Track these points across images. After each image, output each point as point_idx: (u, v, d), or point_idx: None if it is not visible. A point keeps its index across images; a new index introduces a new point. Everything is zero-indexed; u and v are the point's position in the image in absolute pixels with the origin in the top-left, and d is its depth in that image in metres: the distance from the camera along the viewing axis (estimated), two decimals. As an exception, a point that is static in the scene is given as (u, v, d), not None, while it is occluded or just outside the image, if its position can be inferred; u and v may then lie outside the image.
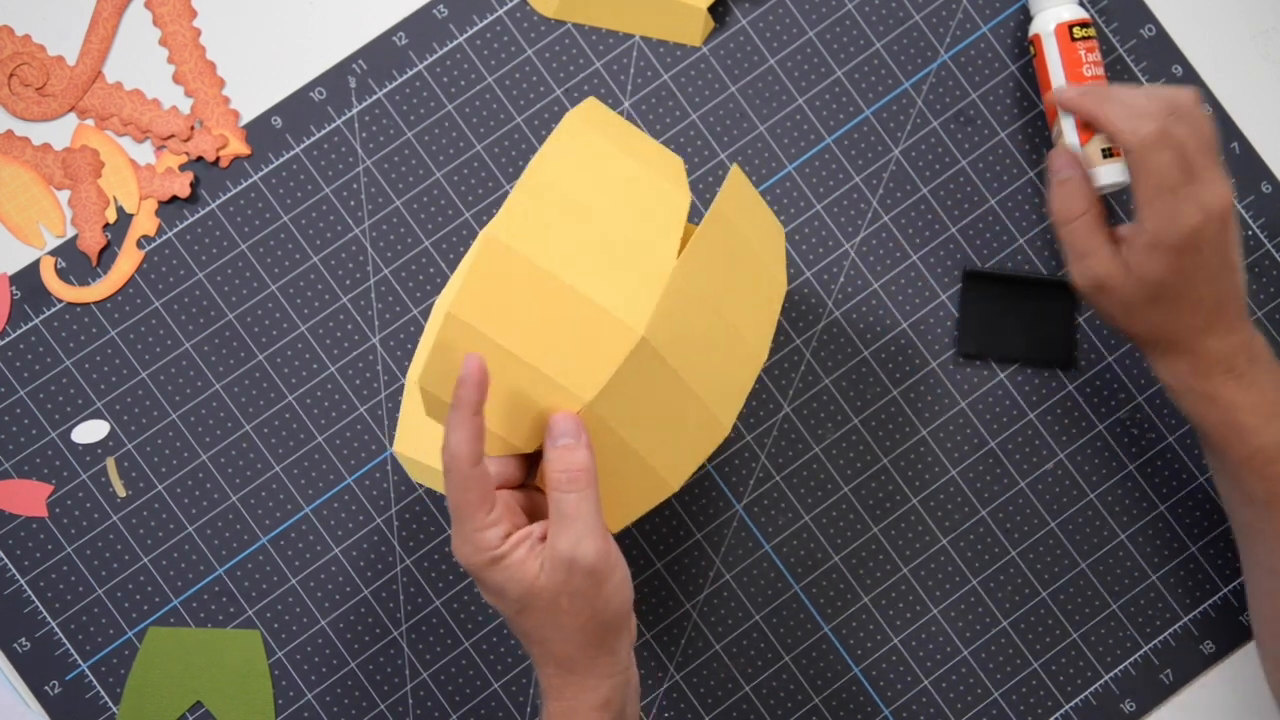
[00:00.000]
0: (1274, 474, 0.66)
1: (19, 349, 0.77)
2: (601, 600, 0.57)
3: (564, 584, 0.56)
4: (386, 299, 0.77)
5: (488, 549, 0.57)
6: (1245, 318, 0.68)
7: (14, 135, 0.78)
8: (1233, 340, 0.67)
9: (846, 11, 0.79)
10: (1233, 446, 0.67)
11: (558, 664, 0.59)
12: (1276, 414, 0.66)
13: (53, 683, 0.75)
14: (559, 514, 0.57)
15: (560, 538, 0.57)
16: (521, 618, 0.58)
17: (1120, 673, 0.77)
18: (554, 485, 0.57)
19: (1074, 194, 0.69)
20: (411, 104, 0.78)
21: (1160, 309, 0.67)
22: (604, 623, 0.58)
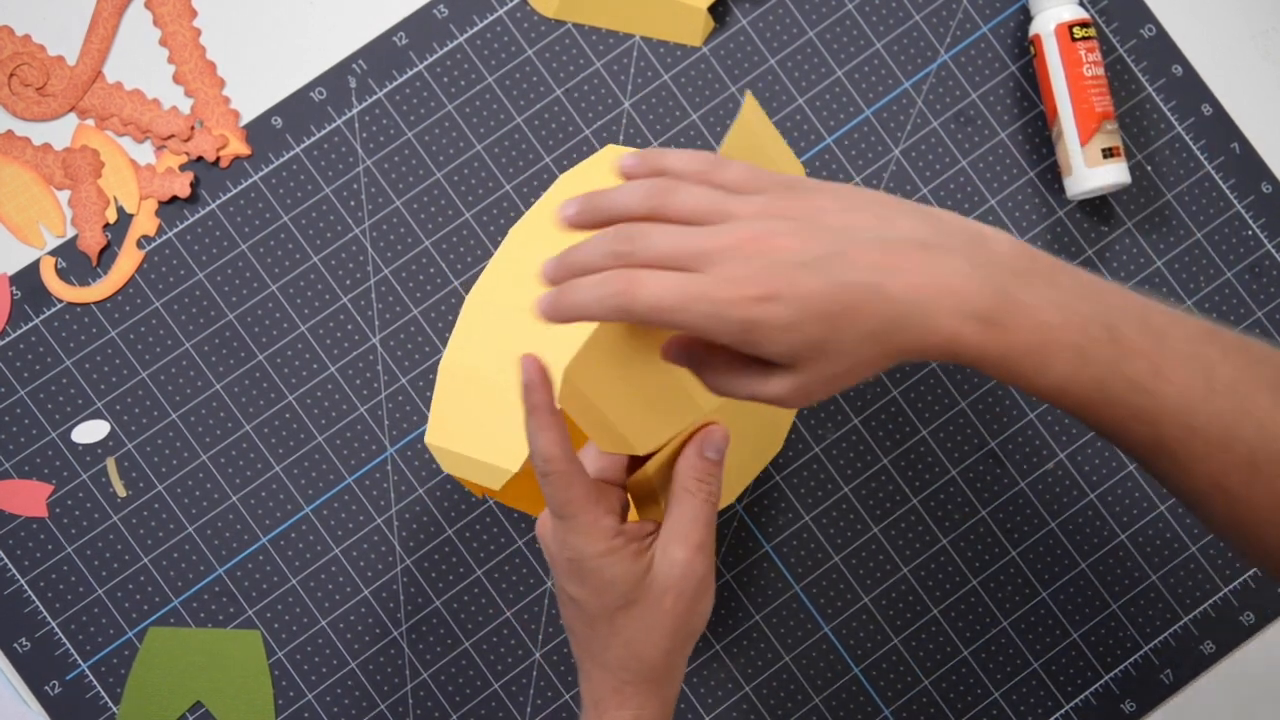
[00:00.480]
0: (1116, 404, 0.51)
1: (19, 349, 0.77)
2: (697, 609, 0.58)
3: (676, 583, 0.57)
4: (386, 299, 0.77)
5: (605, 537, 0.57)
6: (937, 249, 0.49)
7: (14, 135, 0.78)
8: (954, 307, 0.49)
9: (846, 11, 0.79)
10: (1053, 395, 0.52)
11: (637, 670, 0.59)
12: (1059, 343, 0.50)
13: (53, 683, 0.75)
14: (692, 519, 0.58)
15: (688, 540, 0.57)
16: (621, 614, 0.58)
17: (1120, 673, 0.77)
18: (690, 488, 0.58)
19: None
20: (411, 104, 0.78)
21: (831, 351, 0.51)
22: (693, 630, 0.59)
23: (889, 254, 0.49)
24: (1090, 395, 0.50)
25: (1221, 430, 0.50)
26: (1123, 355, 0.50)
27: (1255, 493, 0.51)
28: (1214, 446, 0.51)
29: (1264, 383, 0.51)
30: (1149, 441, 0.51)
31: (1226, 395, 0.51)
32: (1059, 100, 0.75)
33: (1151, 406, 0.50)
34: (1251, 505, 0.51)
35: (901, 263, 0.48)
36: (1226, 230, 0.79)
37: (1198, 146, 0.79)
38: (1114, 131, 0.75)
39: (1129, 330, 0.50)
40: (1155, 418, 0.51)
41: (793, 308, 0.48)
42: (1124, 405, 0.51)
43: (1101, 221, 0.79)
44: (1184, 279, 0.79)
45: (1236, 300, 0.79)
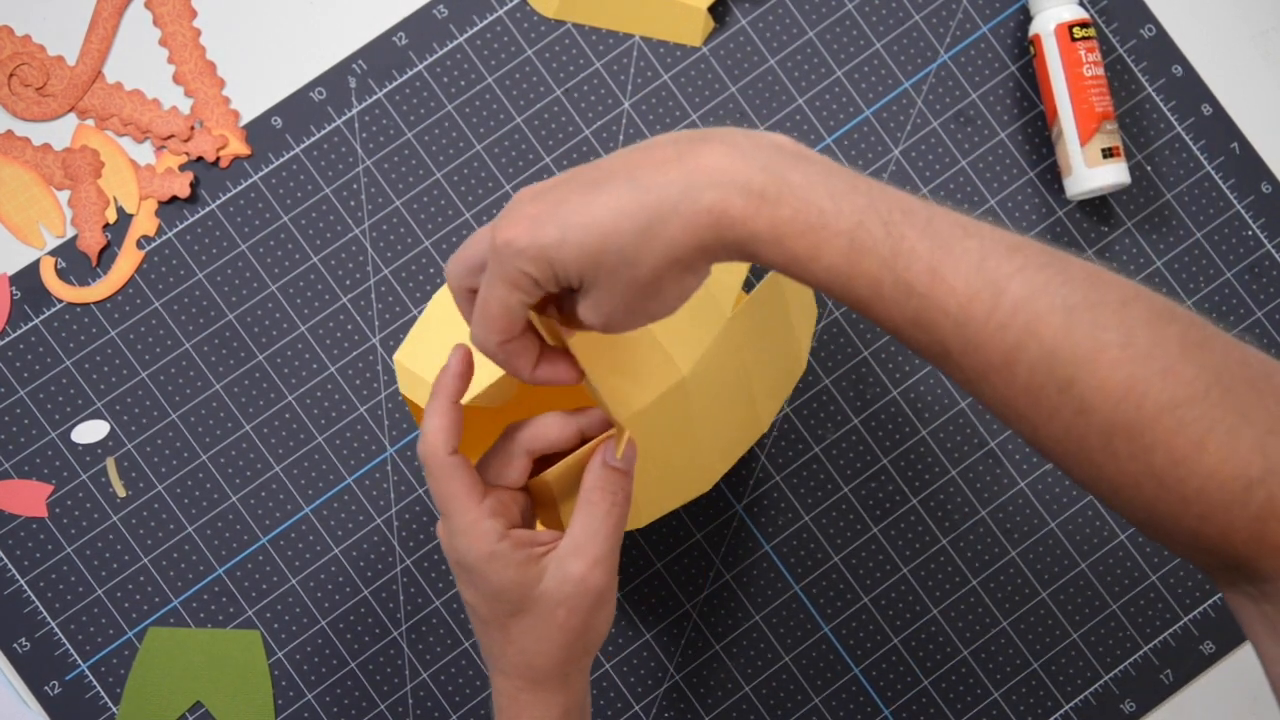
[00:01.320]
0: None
1: (19, 349, 0.77)
2: (594, 622, 0.57)
3: (568, 597, 0.56)
4: (386, 299, 0.77)
5: (487, 542, 0.55)
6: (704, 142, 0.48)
7: (14, 135, 0.78)
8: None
9: (846, 11, 0.79)
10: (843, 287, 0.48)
11: (531, 677, 0.58)
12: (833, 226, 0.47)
13: (53, 683, 0.75)
14: (590, 531, 0.56)
15: (584, 554, 0.56)
16: (513, 620, 0.57)
17: (1120, 673, 0.77)
18: (593, 500, 0.56)
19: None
20: (411, 104, 0.78)
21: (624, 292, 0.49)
22: (587, 644, 0.58)
23: (639, 153, 0.48)
24: (864, 291, 0.47)
25: (1004, 351, 0.46)
26: (898, 253, 0.47)
27: (1040, 415, 0.47)
28: (996, 366, 0.47)
29: (1058, 302, 0.46)
30: (932, 347, 0.48)
31: (1013, 313, 0.46)
32: (1059, 100, 0.75)
33: (928, 314, 0.47)
34: (1036, 428, 0.47)
35: (657, 157, 0.47)
36: (1226, 230, 0.79)
37: (1198, 146, 0.79)
38: (1114, 131, 0.75)
39: (909, 230, 0.47)
40: (932, 325, 0.47)
41: (555, 222, 0.47)
42: (899, 307, 0.47)
43: (1101, 221, 0.79)
44: (1184, 279, 0.79)
45: (1236, 300, 0.79)
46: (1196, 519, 0.45)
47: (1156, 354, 0.45)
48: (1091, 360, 0.45)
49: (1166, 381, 0.44)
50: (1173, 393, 0.44)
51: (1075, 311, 0.45)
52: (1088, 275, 0.47)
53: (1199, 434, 0.44)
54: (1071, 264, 0.47)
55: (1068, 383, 0.45)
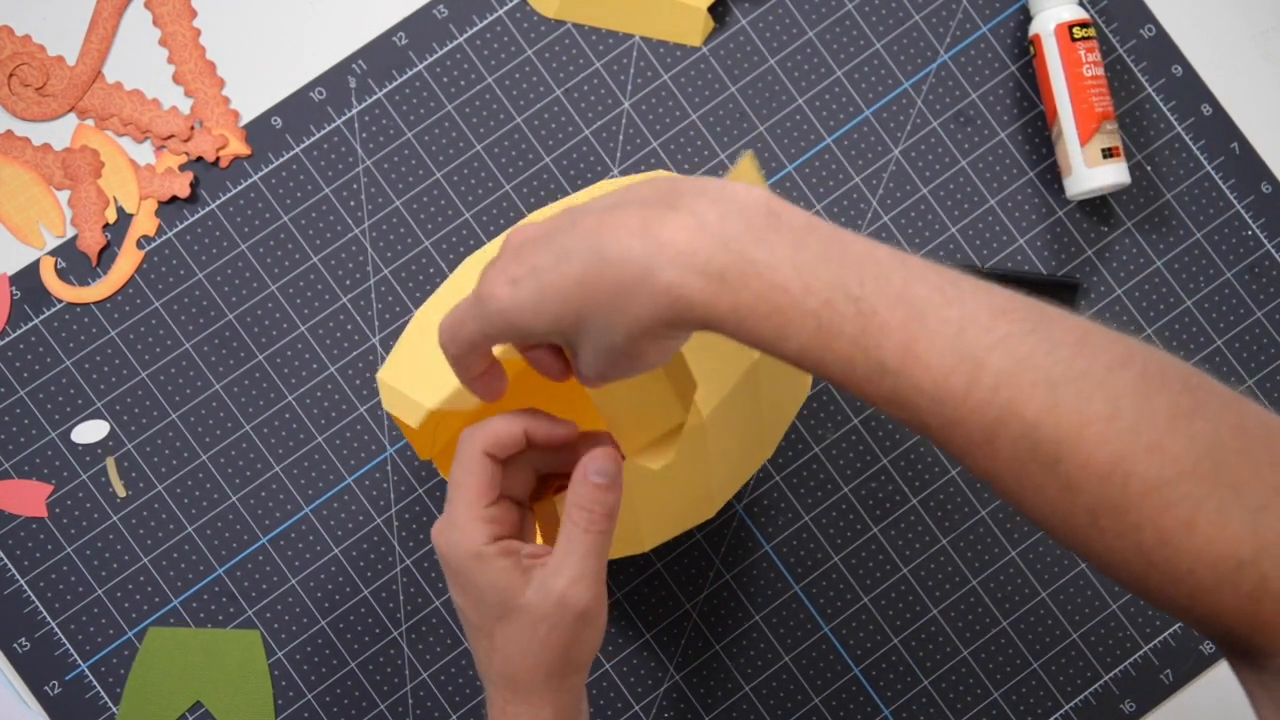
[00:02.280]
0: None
1: (19, 349, 0.77)
2: (578, 642, 0.56)
3: (549, 615, 0.55)
4: (386, 299, 0.77)
5: (475, 542, 0.55)
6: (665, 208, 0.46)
7: (14, 135, 0.78)
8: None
9: (846, 11, 0.79)
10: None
11: (513, 687, 0.57)
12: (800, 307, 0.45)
13: (53, 683, 0.75)
14: (570, 549, 0.56)
15: (563, 572, 0.55)
16: (497, 626, 0.57)
17: (1120, 673, 0.77)
18: (574, 519, 0.56)
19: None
20: (411, 104, 0.78)
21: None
22: (572, 660, 0.57)
23: (609, 217, 0.46)
24: (836, 370, 0.46)
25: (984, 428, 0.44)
26: (868, 330, 0.44)
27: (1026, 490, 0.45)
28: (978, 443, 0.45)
29: (1041, 376, 0.44)
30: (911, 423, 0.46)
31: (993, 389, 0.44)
32: (1059, 100, 0.75)
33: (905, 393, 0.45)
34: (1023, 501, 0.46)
35: (621, 223, 0.45)
36: (1226, 230, 0.79)
37: (1197, 146, 0.79)
38: (1114, 131, 0.75)
39: (881, 302, 0.44)
40: (909, 404, 0.45)
41: (531, 287, 0.47)
42: (874, 387, 0.45)
43: (1101, 221, 0.79)
44: (1184, 279, 0.79)
45: (1236, 300, 0.79)
46: (1187, 597, 0.44)
47: (1143, 428, 0.43)
48: (1076, 437, 0.43)
49: (1153, 457, 0.43)
50: (1159, 470, 0.43)
51: (1059, 385, 0.43)
52: (1076, 340, 0.44)
53: (1187, 512, 0.43)
54: (1057, 327, 0.45)
55: (1053, 461, 0.44)
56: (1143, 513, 0.43)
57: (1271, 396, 0.78)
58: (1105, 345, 0.44)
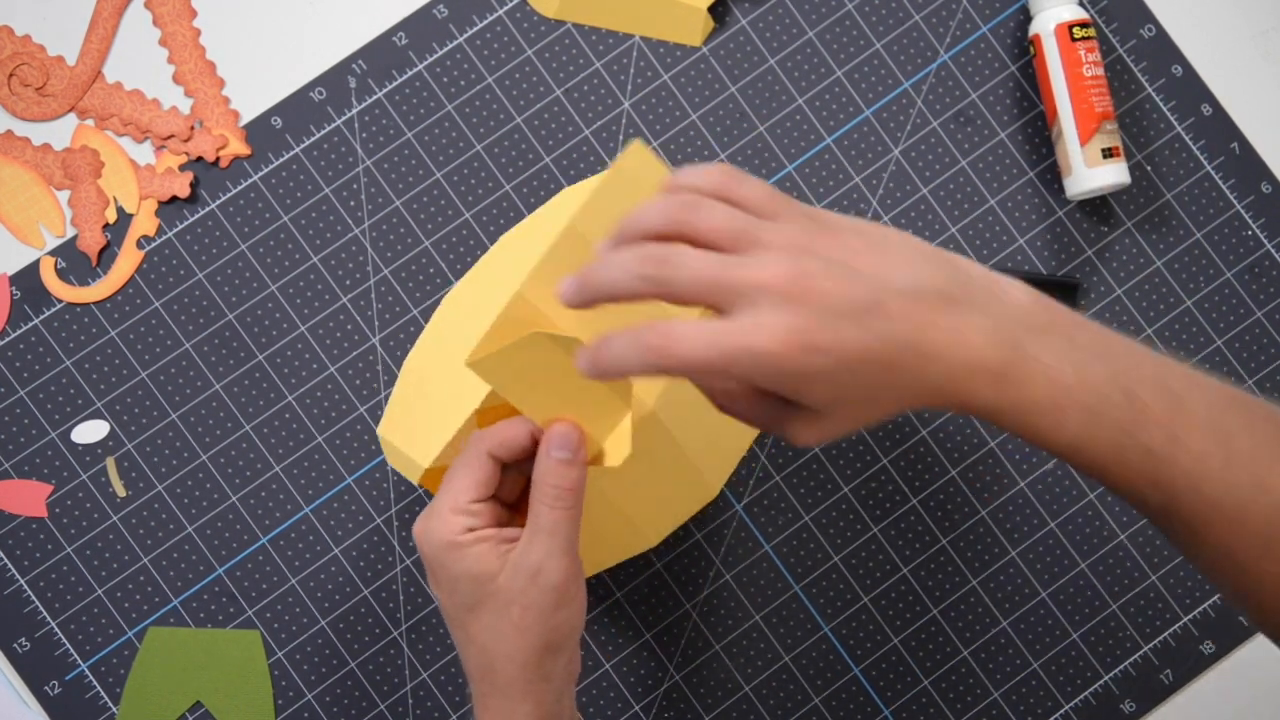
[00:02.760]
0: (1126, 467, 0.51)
1: (19, 349, 0.77)
2: (554, 621, 0.56)
3: (522, 593, 0.55)
4: (386, 299, 0.77)
5: (451, 531, 0.56)
6: (959, 302, 0.49)
7: (14, 135, 0.78)
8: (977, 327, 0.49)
9: (846, 11, 0.79)
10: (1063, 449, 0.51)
11: (493, 682, 0.57)
12: (1073, 403, 0.49)
13: (53, 683, 0.75)
14: (537, 525, 0.56)
15: (533, 548, 0.56)
16: (470, 616, 0.57)
17: (1120, 673, 0.77)
18: (540, 496, 0.56)
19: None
20: (411, 104, 0.78)
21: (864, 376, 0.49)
22: (549, 643, 0.57)
23: (920, 308, 0.48)
24: (1104, 457, 0.50)
25: (1236, 503, 0.50)
26: (1138, 420, 0.50)
27: (1266, 567, 0.50)
28: (1227, 518, 0.50)
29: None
30: (1162, 506, 0.51)
31: (1243, 467, 0.50)
32: (1059, 100, 0.75)
33: (1166, 473, 0.50)
34: (1261, 579, 0.51)
35: (932, 318, 0.48)
36: (1226, 230, 0.79)
37: (1197, 146, 0.79)
38: (1114, 131, 0.75)
39: (1145, 393, 0.50)
40: (1169, 484, 0.50)
41: (833, 360, 0.47)
42: (1137, 470, 0.50)
43: (1101, 221, 0.79)
44: (1184, 279, 0.79)
45: (1236, 300, 0.79)
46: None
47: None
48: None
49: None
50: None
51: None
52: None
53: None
54: (1277, 411, 0.52)
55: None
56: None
57: (1272, 396, 0.78)
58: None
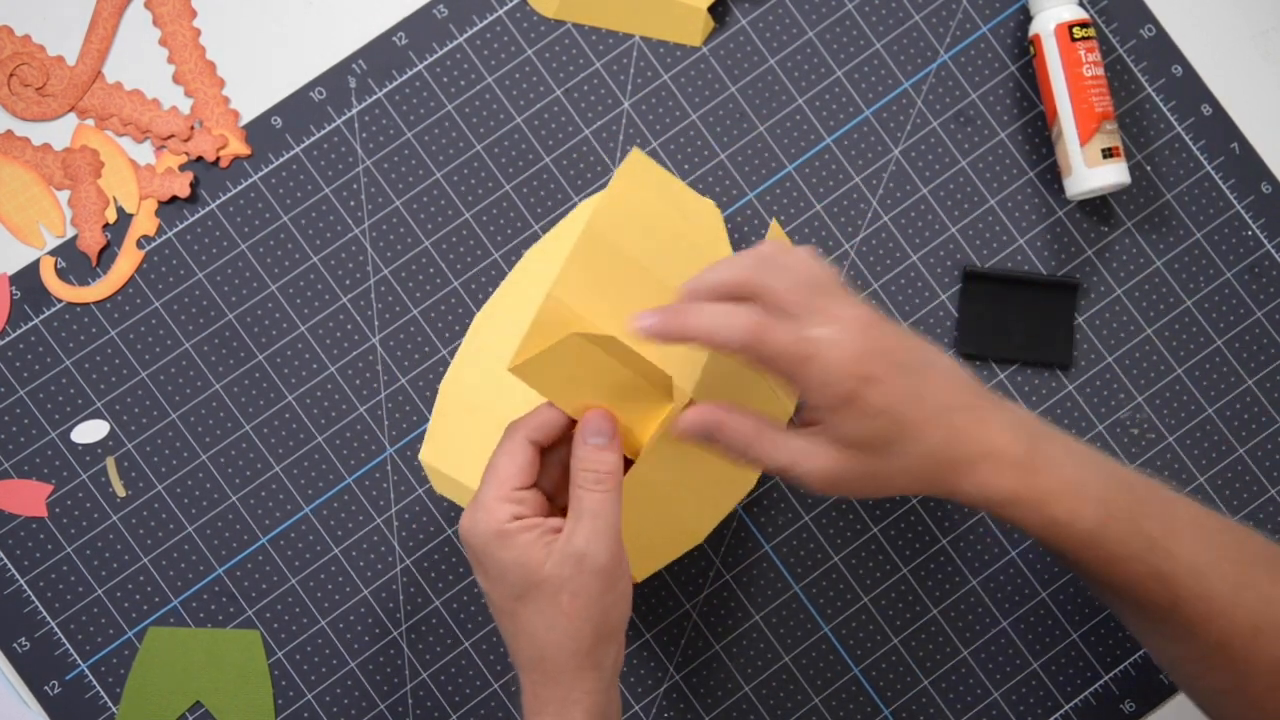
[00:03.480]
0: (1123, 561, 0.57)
1: (19, 349, 0.77)
2: (602, 606, 0.56)
3: (570, 579, 0.56)
4: (386, 299, 0.77)
5: (498, 520, 0.56)
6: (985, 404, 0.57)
7: (14, 135, 0.78)
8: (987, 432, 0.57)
9: (846, 11, 0.79)
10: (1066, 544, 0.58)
11: (544, 671, 0.57)
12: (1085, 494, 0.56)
13: (53, 683, 0.75)
14: (579, 510, 0.57)
15: (577, 533, 0.56)
16: (520, 605, 0.57)
17: (1120, 673, 0.77)
18: (579, 482, 0.57)
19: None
20: (411, 104, 0.78)
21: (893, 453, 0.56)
22: (599, 630, 0.57)
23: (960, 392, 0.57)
24: (1116, 549, 0.56)
25: (1228, 596, 0.56)
26: (1140, 511, 0.56)
27: (1256, 654, 0.56)
28: (1222, 610, 0.56)
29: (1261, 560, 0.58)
30: (1164, 601, 0.57)
31: (1230, 566, 0.56)
32: (1059, 100, 0.75)
33: (1167, 566, 0.56)
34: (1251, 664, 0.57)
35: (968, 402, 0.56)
36: (1226, 230, 0.79)
37: (1197, 146, 0.79)
38: (1113, 131, 0.75)
39: (1141, 491, 0.57)
40: (1170, 577, 0.56)
41: (886, 398, 0.54)
42: (1143, 563, 0.56)
43: (1101, 221, 0.79)
44: (1184, 279, 0.79)
45: (1236, 300, 0.79)
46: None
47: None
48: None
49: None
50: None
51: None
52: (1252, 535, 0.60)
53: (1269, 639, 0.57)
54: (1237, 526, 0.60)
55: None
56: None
57: (1271, 396, 0.78)
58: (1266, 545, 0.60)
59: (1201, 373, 0.78)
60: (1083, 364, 0.78)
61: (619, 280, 0.61)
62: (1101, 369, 0.78)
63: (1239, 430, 0.78)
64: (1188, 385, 0.78)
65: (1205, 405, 0.78)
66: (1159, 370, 0.78)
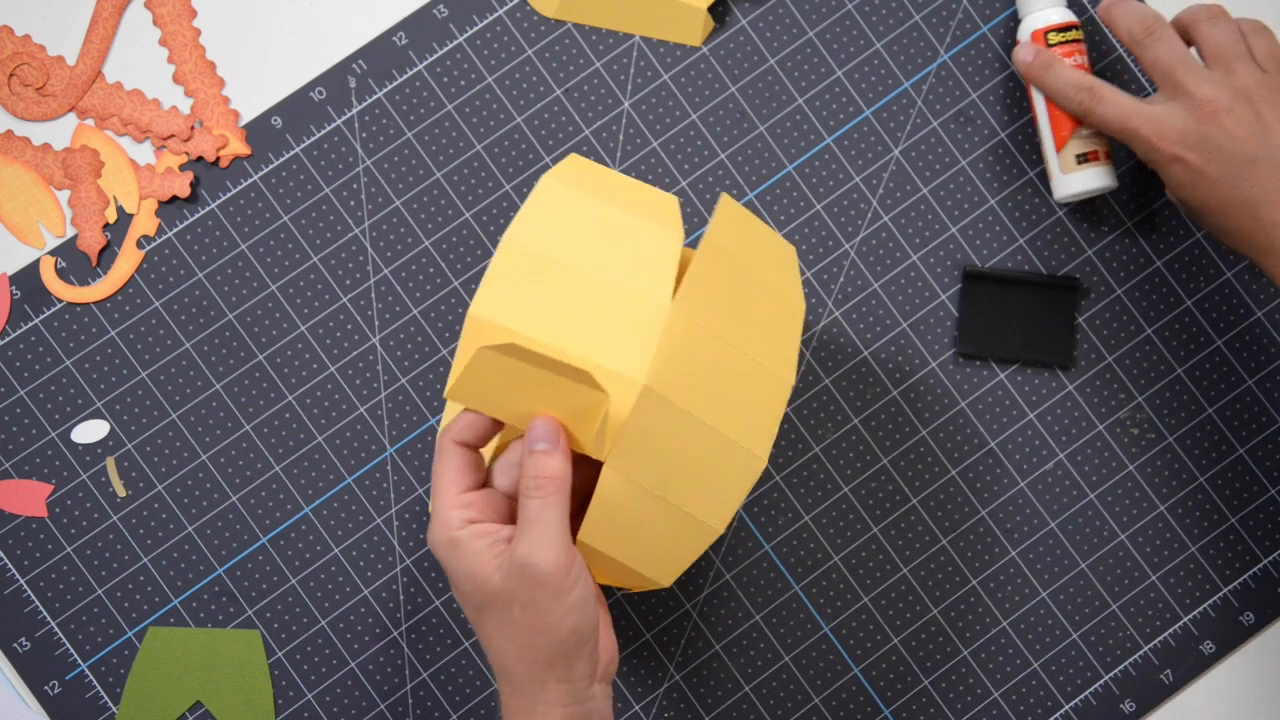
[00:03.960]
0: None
1: (19, 349, 0.77)
2: (554, 617, 0.55)
3: (517, 591, 0.55)
4: (386, 299, 0.77)
5: (447, 528, 0.56)
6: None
7: (14, 135, 0.78)
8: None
9: (846, 11, 0.79)
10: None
11: (509, 681, 0.57)
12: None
13: (53, 683, 0.75)
14: (522, 518, 0.56)
15: (519, 541, 0.55)
16: (481, 618, 0.57)
17: (1120, 673, 0.77)
18: (522, 489, 0.56)
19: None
20: (411, 104, 0.78)
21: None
22: (555, 642, 0.55)
23: (1274, 183, 0.64)
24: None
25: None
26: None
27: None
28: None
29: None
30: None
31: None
32: (1036, 106, 0.75)
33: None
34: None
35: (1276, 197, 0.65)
36: (1226, 230, 0.79)
37: (1198, 146, 0.79)
38: (1090, 136, 0.75)
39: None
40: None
41: (1187, 179, 0.66)
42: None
43: (1101, 221, 0.79)
44: (1184, 279, 0.79)
45: (1236, 300, 0.79)
46: None
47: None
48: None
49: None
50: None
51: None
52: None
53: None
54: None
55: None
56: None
57: (1271, 397, 0.78)
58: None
59: (1201, 373, 0.78)
60: (1083, 364, 0.78)
61: (549, 285, 0.60)
62: (1101, 369, 0.78)
63: (1239, 430, 0.78)
64: (1188, 385, 0.78)
65: (1205, 405, 0.78)
66: (1159, 370, 0.78)
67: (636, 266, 0.61)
